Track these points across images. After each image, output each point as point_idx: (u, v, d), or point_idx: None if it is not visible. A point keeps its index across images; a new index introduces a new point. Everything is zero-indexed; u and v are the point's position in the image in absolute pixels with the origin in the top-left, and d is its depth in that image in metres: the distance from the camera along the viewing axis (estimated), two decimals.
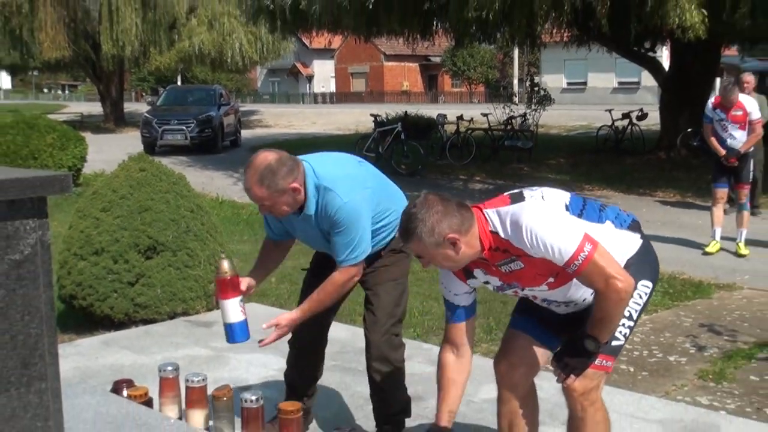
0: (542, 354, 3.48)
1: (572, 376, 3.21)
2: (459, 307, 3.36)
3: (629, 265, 3.22)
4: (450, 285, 3.36)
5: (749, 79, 10.87)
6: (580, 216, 3.22)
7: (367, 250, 3.89)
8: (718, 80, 18.50)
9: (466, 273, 3.32)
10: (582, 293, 3.29)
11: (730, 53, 27.07)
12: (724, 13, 13.00)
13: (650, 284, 3.34)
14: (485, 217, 3.15)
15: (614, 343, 3.25)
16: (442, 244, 3.04)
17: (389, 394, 4.23)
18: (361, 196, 3.85)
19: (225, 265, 3.95)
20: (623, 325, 3.23)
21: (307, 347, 4.34)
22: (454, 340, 3.39)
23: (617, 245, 3.21)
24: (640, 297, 3.28)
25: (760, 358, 5.93)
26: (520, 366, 3.48)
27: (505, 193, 3.25)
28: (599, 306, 3.11)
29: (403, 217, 3.16)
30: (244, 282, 4.01)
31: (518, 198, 3.18)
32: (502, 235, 3.10)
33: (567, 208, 3.19)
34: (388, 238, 4.06)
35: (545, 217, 3.06)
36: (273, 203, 3.74)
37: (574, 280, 3.18)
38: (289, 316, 3.97)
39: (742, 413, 4.88)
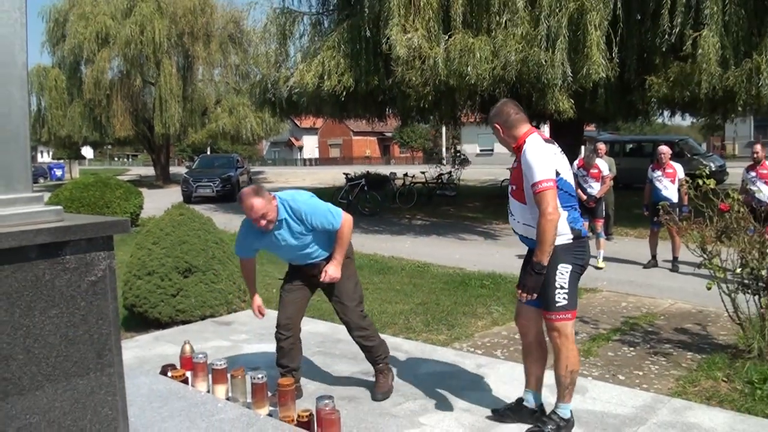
0: (535, 311, 3.83)
1: (531, 294, 3.58)
2: None
3: (556, 249, 3.56)
4: None
5: (602, 146, 11.09)
6: (567, 190, 3.65)
7: (339, 210, 4.10)
8: (583, 147, 18.74)
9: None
10: (518, 218, 3.75)
11: (590, 128, 27.54)
12: (586, 102, 13.27)
13: (568, 267, 3.62)
14: (530, 134, 3.67)
15: (558, 304, 3.63)
16: (493, 127, 3.79)
17: (373, 347, 4.37)
18: (309, 196, 4.14)
19: (187, 348, 4.54)
20: (558, 294, 3.61)
21: (288, 326, 4.35)
22: None
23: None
24: (562, 274, 3.61)
25: (614, 340, 5.99)
26: (525, 321, 3.91)
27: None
28: (538, 228, 3.48)
29: None
30: (255, 305, 4.46)
31: (550, 141, 3.72)
32: (526, 145, 3.61)
33: (557, 174, 3.56)
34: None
35: (541, 154, 3.54)
36: (267, 211, 3.91)
37: (518, 204, 3.69)
38: (331, 263, 4.14)
39: (602, 379, 4.94)
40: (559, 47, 11.39)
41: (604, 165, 9.79)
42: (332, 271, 4.12)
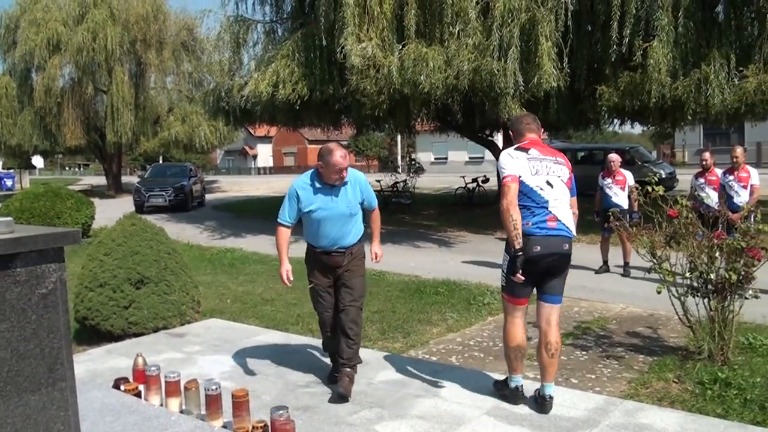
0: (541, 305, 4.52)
1: (513, 275, 4.15)
2: None
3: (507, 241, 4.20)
4: None
5: None
6: (525, 191, 4.11)
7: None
8: None
9: None
10: None
11: (543, 137, 27.97)
12: (538, 111, 13.48)
13: (507, 256, 4.21)
14: (523, 140, 4.29)
15: (501, 283, 4.38)
16: (510, 132, 4.56)
17: (355, 342, 4.65)
18: None
19: (140, 361, 4.56)
20: (501, 276, 4.33)
21: (332, 324, 4.76)
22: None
23: None
24: (503, 261, 4.29)
25: (567, 344, 6.08)
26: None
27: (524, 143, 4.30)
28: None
29: None
30: (284, 270, 4.60)
31: (523, 149, 4.22)
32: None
33: (519, 176, 4.10)
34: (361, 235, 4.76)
35: (506, 157, 4.18)
36: (348, 165, 4.46)
37: None
38: (375, 245, 4.90)
39: (555, 382, 4.93)
40: (511, 57, 11.57)
41: None
42: (379, 250, 4.94)
